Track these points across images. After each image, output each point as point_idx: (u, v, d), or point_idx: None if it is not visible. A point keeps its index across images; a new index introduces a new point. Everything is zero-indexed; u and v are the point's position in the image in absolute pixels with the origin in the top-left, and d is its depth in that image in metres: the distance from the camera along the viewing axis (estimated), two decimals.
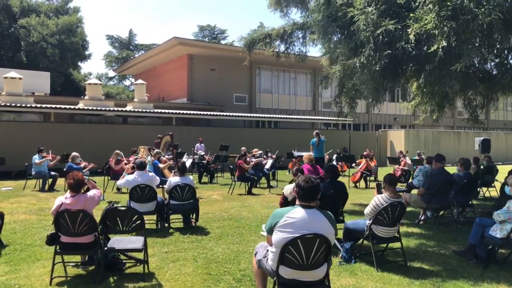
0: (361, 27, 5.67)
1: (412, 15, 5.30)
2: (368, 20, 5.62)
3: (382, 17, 5.73)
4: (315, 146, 13.13)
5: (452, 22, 4.78)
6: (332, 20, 6.26)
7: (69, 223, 4.53)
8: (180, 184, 7.11)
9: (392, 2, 5.75)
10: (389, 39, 5.53)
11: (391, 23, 5.40)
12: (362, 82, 6.08)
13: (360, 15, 5.69)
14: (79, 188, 4.67)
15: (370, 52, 5.49)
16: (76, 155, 11.12)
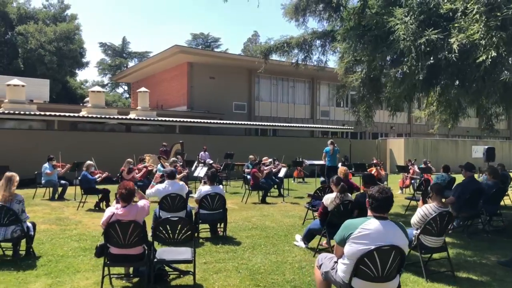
0: (401, 36, 5.68)
1: (456, 25, 5.33)
2: (409, 30, 5.64)
3: (421, 27, 5.76)
4: (328, 155, 13.12)
5: (502, 32, 4.81)
6: (368, 29, 6.27)
7: (120, 234, 4.43)
8: (211, 193, 7.03)
9: (432, 12, 5.77)
10: (431, 49, 5.54)
11: (434, 32, 5.41)
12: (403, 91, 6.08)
13: (400, 24, 5.69)
14: (130, 198, 4.57)
15: (413, 62, 5.49)
16: (91, 164, 10.97)
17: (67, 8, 38.32)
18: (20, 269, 5.36)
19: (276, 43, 10.43)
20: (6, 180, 5.78)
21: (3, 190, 5.72)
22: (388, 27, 6.01)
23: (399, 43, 5.79)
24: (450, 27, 5.59)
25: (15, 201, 5.73)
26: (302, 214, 9.83)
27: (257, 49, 10.75)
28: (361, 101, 10.12)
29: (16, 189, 5.98)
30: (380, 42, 6.19)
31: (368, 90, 9.93)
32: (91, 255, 6.05)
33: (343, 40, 8.63)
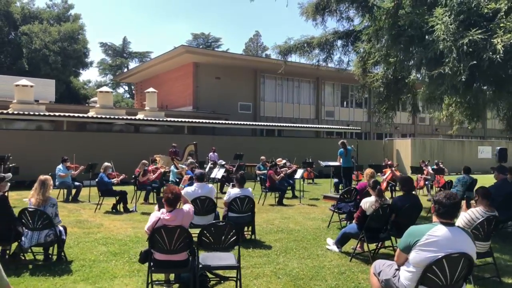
0: (441, 36, 5.57)
1: (502, 25, 5.23)
2: (449, 30, 5.53)
3: (460, 27, 5.66)
4: (343, 156, 13.00)
5: None
6: (404, 29, 6.16)
7: (166, 239, 4.31)
8: (240, 196, 6.91)
9: (472, 12, 5.66)
10: (473, 49, 5.44)
11: (477, 32, 5.30)
12: (442, 92, 5.97)
13: (440, 24, 5.59)
14: (176, 203, 4.45)
15: (454, 63, 5.38)
16: (109, 165, 10.86)
17: (70, 8, 38.21)
18: (55, 275, 5.24)
19: (296, 43, 10.32)
20: (40, 183, 5.66)
21: (37, 193, 5.61)
22: (425, 27, 5.90)
23: (438, 44, 5.68)
24: (492, 27, 5.49)
25: (48, 204, 5.61)
26: (324, 217, 9.75)
27: (276, 49, 10.56)
28: (383, 102, 9.99)
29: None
30: (417, 43, 6.08)
31: (391, 91, 9.82)
32: (123, 260, 5.96)
33: (369, 41, 8.55)
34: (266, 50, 70.71)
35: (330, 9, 10.33)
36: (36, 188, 5.67)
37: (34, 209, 5.48)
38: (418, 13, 6.00)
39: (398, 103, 10.16)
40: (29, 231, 5.55)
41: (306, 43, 10.13)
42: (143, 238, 7.35)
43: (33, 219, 5.48)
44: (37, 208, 5.48)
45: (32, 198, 5.67)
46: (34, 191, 5.68)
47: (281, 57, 10.63)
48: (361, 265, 5.81)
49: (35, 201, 5.57)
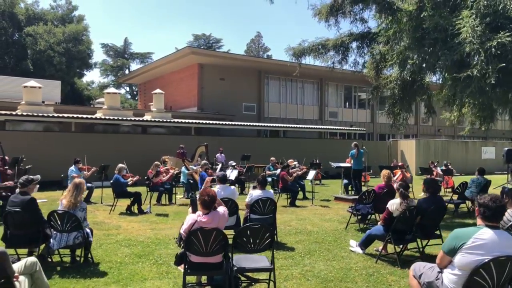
0: (468, 39, 5.59)
1: None
2: (476, 32, 5.55)
3: (487, 29, 5.68)
4: (354, 158, 13.03)
5: None
6: (428, 32, 6.18)
7: (202, 242, 4.32)
8: (262, 198, 6.92)
9: (499, 15, 5.68)
10: (501, 52, 5.46)
11: (506, 35, 5.33)
12: (469, 95, 5.99)
13: (467, 27, 5.61)
14: (212, 205, 4.46)
15: (483, 65, 5.40)
16: (123, 167, 10.86)
17: (75, 9, 38.20)
18: (85, 277, 5.25)
19: (310, 45, 10.33)
20: (74, 186, 5.68)
21: (69, 196, 5.62)
22: (450, 30, 5.92)
23: (464, 46, 5.70)
24: None
25: (78, 208, 5.62)
26: (339, 218, 9.78)
27: (289, 51, 10.57)
28: (398, 103, 10.00)
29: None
30: (441, 45, 6.10)
31: (406, 92, 9.84)
32: (149, 262, 5.97)
33: (386, 43, 8.57)
34: (267, 51, 70.90)
35: (344, 11, 10.37)
36: (70, 190, 5.69)
37: (63, 212, 5.49)
38: (443, 16, 6.01)
39: (412, 105, 10.17)
40: (58, 233, 5.56)
41: (321, 45, 10.14)
42: (164, 240, 7.38)
43: (62, 221, 5.49)
44: (66, 211, 5.49)
45: (64, 199, 5.69)
46: (68, 193, 5.70)
47: (294, 59, 10.63)
48: (387, 267, 5.82)
49: (67, 203, 5.58)
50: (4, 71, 30.84)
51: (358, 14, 10.07)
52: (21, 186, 5.68)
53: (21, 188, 5.69)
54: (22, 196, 5.61)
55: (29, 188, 5.75)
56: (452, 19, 5.73)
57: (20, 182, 5.70)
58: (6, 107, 19.65)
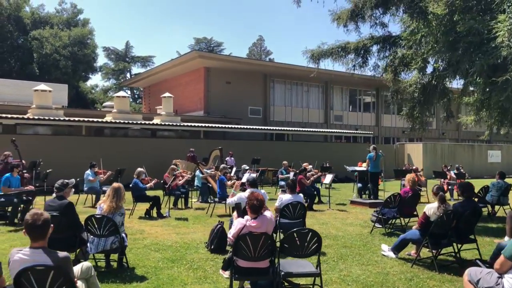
0: (505, 42, 5.58)
1: None
2: None
3: None
4: (371, 161, 13.00)
5: None
6: (462, 35, 6.18)
7: (251, 246, 4.30)
8: (292, 202, 6.90)
9: None
10: None
11: None
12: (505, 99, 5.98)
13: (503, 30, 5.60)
14: (261, 210, 4.44)
15: None
16: (142, 171, 10.83)
17: (79, 12, 38.23)
18: (125, 281, 5.21)
19: (329, 48, 10.33)
20: (114, 191, 5.64)
21: (110, 200, 5.58)
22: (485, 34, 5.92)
23: (500, 50, 5.69)
24: None
25: (118, 213, 5.59)
26: (361, 222, 9.76)
27: (307, 53, 10.57)
28: (417, 107, 9.99)
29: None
30: (476, 49, 6.10)
31: (427, 96, 9.83)
32: (184, 267, 5.94)
33: (410, 46, 8.57)
34: (270, 55, 70.99)
35: (363, 16, 10.40)
36: (110, 195, 5.65)
37: (100, 216, 5.45)
38: (477, 20, 6.01)
39: (431, 109, 10.17)
40: (95, 237, 5.52)
41: (340, 47, 10.14)
42: (192, 244, 7.34)
43: (100, 226, 5.45)
44: (104, 215, 5.46)
45: (103, 204, 5.65)
46: (107, 197, 5.66)
47: (312, 61, 10.62)
48: (424, 271, 5.79)
49: (107, 208, 5.55)
50: (9, 75, 30.86)
51: (378, 18, 10.09)
52: (58, 191, 5.66)
53: (58, 192, 5.66)
54: (60, 201, 5.58)
55: (65, 192, 5.73)
56: (489, 22, 5.72)
57: (56, 187, 5.67)
58: (15, 110, 19.64)
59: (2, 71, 30.99)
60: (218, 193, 10.95)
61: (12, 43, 33.08)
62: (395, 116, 39.99)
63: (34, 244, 3.31)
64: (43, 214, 3.32)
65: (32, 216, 3.30)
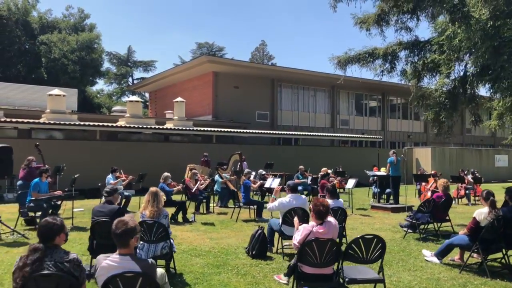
0: None
1: None
2: None
3: None
4: (392, 165, 12.99)
5: None
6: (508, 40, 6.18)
7: (317, 252, 4.27)
8: (334, 207, 6.86)
9: None
10: None
11: None
12: None
13: None
14: (327, 215, 4.41)
15: None
16: (168, 175, 10.80)
17: (87, 17, 38.28)
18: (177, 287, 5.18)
19: (356, 54, 10.34)
20: (152, 195, 5.62)
21: (150, 205, 5.56)
22: None
23: None
24: None
25: (162, 216, 5.56)
26: (389, 227, 9.74)
27: (333, 59, 10.58)
28: (446, 112, 9.97)
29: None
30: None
31: (454, 101, 9.84)
32: (232, 272, 5.91)
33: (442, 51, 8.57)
34: (272, 59, 71.04)
35: (387, 20, 10.42)
36: (149, 200, 5.62)
37: (152, 222, 5.42)
38: None
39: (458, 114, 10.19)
40: (145, 243, 5.48)
41: (368, 53, 10.15)
42: (230, 249, 7.30)
43: (150, 232, 5.41)
44: (156, 221, 5.42)
45: (145, 210, 5.62)
46: (147, 203, 5.64)
47: (339, 68, 10.62)
48: (476, 277, 5.76)
49: (150, 213, 5.52)
50: (16, 79, 30.82)
51: (404, 23, 10.10)
52: (107, 195, 5.62)
53: (107, 197, 5.63)
54: (110, 206, 5.56)
55: (114, 197, 5.70)
56: None
57: (107, 191, 5.65)
58: (26, 115, 19.58)
59: (9, 75, 30.97)
60: (243, 197, 10.93)
61: (19, 47, 33.03)
62: (401, 121, 40.15)
63: (121, 251, 3.28)
64: (126, 223, 3.30)
65: (116, 224, 3.29)
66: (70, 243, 7.72)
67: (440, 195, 8.44)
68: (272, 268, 6.16)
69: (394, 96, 38.90)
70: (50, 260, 3.15)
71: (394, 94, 38.25)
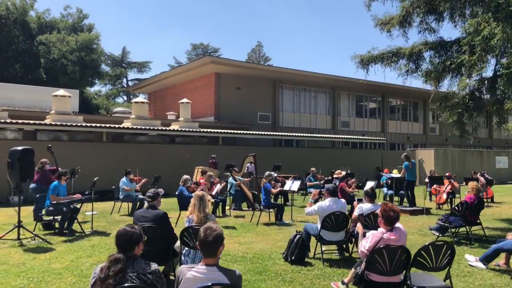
0: None
1: None
2: None
3: None
4: (408, 169, 12.86)
5: None
6: None
7: (387, 260, 4.08)
8: (374, 211, 6.67)
9: None
10: None
11: None
12: None
13: None
14: (397, 221, 4.22)
15: None
16: (188, 178, 10.57)
17: (85, 17, 37.73)
18: None
19: (380, 54, 10.20)
20: (199, 199, 5.39)
21: (197, 210, 5.33)
22: None
23: None
24: None
25: (209, 221, 5.31)
26: (415, 230, 9.60)
27: (356, 58, 10.44)
28: (468, 114, 9.87)
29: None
30: None
31: (478, 103, 9.74)
32: (277, 280, 5.74)
33: (472, 52, 8.45)
34: (268, 61, 70.87)
35: (409, 22, 10.31)
36: (195, 204, 5.39)
37: (199, 227, 5.17)
38: None
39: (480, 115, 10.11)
40: (191, 250, 5.25)
41: (392, 53, 10.01)
42: (264, 255, 7.09)
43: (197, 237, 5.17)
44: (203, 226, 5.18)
45: (192, 215, 5.40)
46: (193, 207, 5.41)
47: (361, 67, 10.48)
48: None
49: (197, 218, 5.30)
50: (14, 80, 30.30)
51: (429, 23, 10.00)
52: (151, 200, 5.39)
53: (151, 202, 5.40)
54: (154, 211, 5.32)
55: (158, 202, 5.47)
56: None
57: (150, 196, 5.41)
58: (27, 116, 19.18)
59: (7, 76, 30.42)
60: (263, 200, 10.72)
61: (17, 47, 32.45)
62: (400, 122, 40.20)
63: (207, 261, 3.06)
64: (216, 229, 3.09)
65: (205, 231, 3.07)
66: (95, 249, 7.47)
67: (473, 197, 8.30)
68: (316, 274, 5.97)
69: (394, 98, 38.97)
70: (132, 272, 2.93)
71: (394, 95, 38.32)
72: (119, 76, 62.11)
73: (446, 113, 10.78)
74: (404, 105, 40.65)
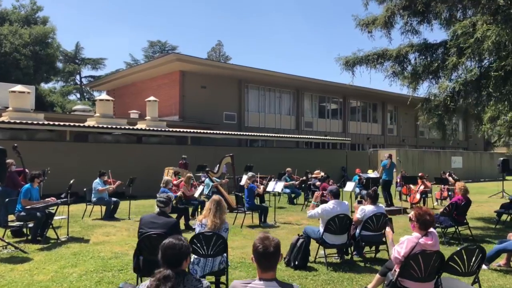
0: None
1: None
2: None
3: None
4: (385, 169, 12.97)
5: None
6: None
7: (422, 266, 3.93)
8: (376, 213, 6.57)
9: None
10: None
11: None
12: None
13: None
14: (432, 226, 4.07)
15: None
16: (169, 180, 10.09)
17: (39, 9, 35.60)
18: None
19: (365, 55, 10.17)
20: (216, 204, 5.00)
21: (213, 215, 4.95)
22: None
23: None
24: None
25: (223, 229, 4.97)
26: (399, 231, 9.58)
27: (340, 60, 10.36)
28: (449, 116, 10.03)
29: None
30: None
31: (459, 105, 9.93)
32: None
33: (460, 55, 8.57)
34: (229, 60, 70.40)
35: (392, 23, 10.37)
36: (211, 209, 5.00)
37: (211, 233, 4.83)
38: None
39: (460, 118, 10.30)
40: (201, 258, 4.89)
41: (378, 55, 10.01)
42: None
43: (208, 245, 4.83)
44: (215, 232, 4.84)
45: (206, 219, 5.01)
46: (208, 211, 5.02)
47: (346, 69, 10.41)
48: None
49: (211, 224, 4.92)
50: None
51: (415, 26, 10.08)
52: (164, 205, 4.95)
53: (163, 207, 4.96)
54: (166, 218, 4.90)
55: (168, 208, 5.06)
56: None
57: (162, 201, 4.97)
58: None
59: None
60: (247, 202, 10.43)
61: None
62: (360, 123, 41.05)
63: (266, 275, 2.75)
64: (273, 238, 2.78)
65: (262, 242, 2.75)
66: (78, 257, 6.90)
67: (460, 197, 8.41)
68: (324, 280, 5.76)
69: (354, 99, 39.72)
70: None
71: (354, 97, 39.06)
72: (72, 73, 59.41)
73: (425, 115, 10.89)
74: (363, 106, 41.54)
